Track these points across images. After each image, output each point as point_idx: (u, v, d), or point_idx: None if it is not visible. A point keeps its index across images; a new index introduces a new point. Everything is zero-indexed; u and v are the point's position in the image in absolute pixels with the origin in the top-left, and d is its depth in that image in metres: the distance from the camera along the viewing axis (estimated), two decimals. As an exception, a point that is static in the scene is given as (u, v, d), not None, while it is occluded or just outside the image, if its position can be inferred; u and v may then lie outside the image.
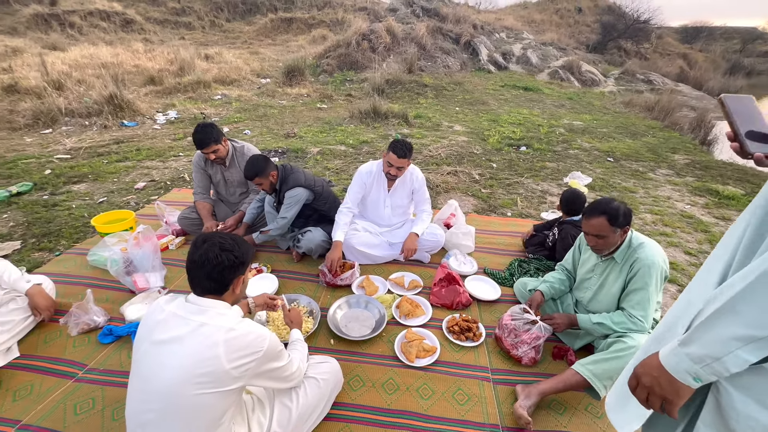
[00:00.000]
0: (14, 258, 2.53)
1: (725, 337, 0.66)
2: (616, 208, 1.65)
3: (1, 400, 1.59)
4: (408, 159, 2.44)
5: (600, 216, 1.65)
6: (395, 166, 2.43)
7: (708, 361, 0.68)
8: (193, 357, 1.10)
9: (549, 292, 2.00)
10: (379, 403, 1.66)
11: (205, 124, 2.49)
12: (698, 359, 0.70)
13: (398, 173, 2.48)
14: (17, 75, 7.72)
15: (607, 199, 1.72)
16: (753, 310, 0.63)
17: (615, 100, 9.69)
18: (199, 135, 2.45)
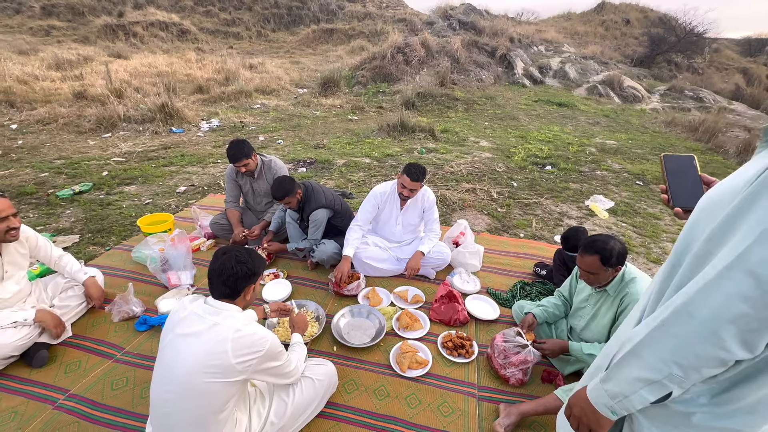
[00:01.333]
0: (73, 250, 2.94)
1: (631, 378, 0.77)
2: (610, 248, 1.69)
3: (55, 372, 1.91)
4: (421, 183, 2.60)
5: (593, 255, 1.70)
6: (408, 188, 2.59)
7: (620, 398, 0.79)
8: (206, 350, 1.32)
9: (542, 316, 2.07)
10: (369, 407, 1.82)
11: (238, 141, 2.78)
12: (613, 395, 0.81)
13: (411, 195, 2.64)
14: (86, 82, 8.67)
15: (605, 237, 1.75)
16: (651, 356, 0.73)
17: (656, 119, 9.29)
18: (233, 150, 2.75)
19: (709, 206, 0.73)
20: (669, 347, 0.70)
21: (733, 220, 0.64)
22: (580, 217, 4.03)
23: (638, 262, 3.24)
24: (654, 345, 0.73)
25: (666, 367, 0.70)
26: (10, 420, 1.65)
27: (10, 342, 1.82)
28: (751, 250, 0.60)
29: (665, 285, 0.80)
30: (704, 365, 0.67)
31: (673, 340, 0.69)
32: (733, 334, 0.62)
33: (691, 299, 0.67)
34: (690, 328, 0.67)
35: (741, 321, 0.62)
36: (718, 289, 0.63)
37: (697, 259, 0.71)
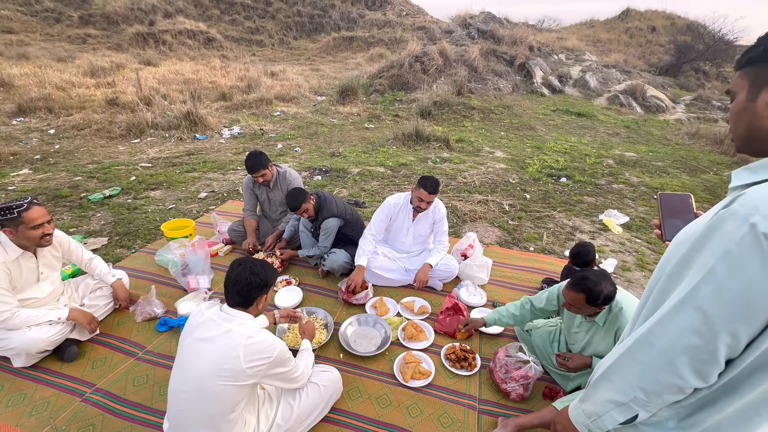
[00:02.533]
0: (101, 252, 3.14)
1: (603, 400, 0.83)
2: (599, 291, 1.67)
3: (83, 367, 2.06)
4: (436, 195, 2.67)
5: (580, 293, 1.70)
6: (425, 201, 2.66)
7: (594, 417, 0.85)
8: (219, 355, 1.43)
9: (491, 320, 2.18)
10: (372, 414, 1.89)
11: (256, 153, 2.93)
12: (589, 414, 0.87)
13: (426, 207, 2.72)
14: (118, 89, 9.15)
15: (597, 278, 1.71)
16: (619, 380, 0.79)
17: (679, 130, 9.05)
18: (251, 162, 2.90)
19: (677, 244, 0.78)
20: (634, 373, 0.76)
21: (687, 259, 0.70)
22: (592, 232, 4.00)
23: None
24: (622, 370, 0.79)
25: (632, 391, 0.76)
26: (43, 410, 1.81)
27: (45, 337, 1.98)
28: (699, 288, 0.66)
29: (638, 316, 0.86)
30: (664, 391, 0.72)
31: (638, 366, 0.75)
32: (686, 364, 0.68)
33: (651, 329, 0.73)
34: (651, 356, 0.73)
35: (693, 352, 0.67)
36: (672, 322, 0.69)
37: (659, 293, 0.77)
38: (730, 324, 0.64)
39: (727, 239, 0.64)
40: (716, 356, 0.66)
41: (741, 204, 0.64)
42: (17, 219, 1.91)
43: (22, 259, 2.01)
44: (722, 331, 0.65)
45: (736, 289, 0.63)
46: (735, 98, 0.78)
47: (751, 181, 0.71)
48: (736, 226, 0.63)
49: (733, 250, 0.63)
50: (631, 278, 3.21)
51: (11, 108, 7.45)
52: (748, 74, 0.75)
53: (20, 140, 5.92)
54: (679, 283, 0.71)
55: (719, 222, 0.66)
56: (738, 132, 0.78)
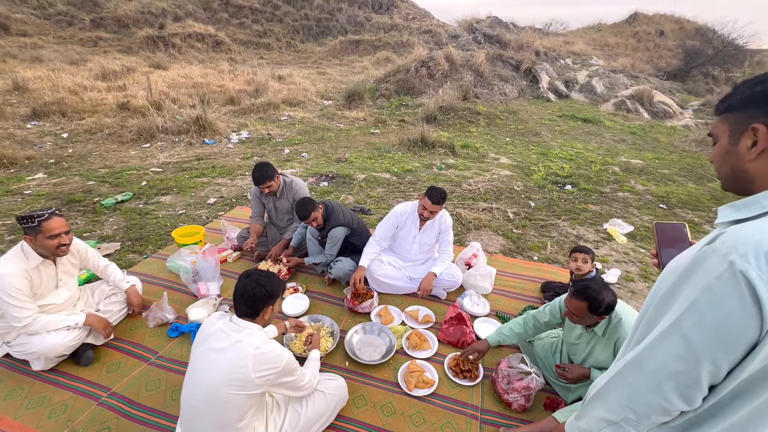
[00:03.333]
0: (114, 257, 3.23)
1: (597, 418, 0.88)
2: (601, 299, 1.71)
3: (99, 371, 2.14)
4: (441, 206, 2.73)
5: (582, 301, 1.74)
6: (429, 210, 2.72)
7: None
8: (230, 365, 1.49)
9: (495, 341, 2.16)
10: (376, 422, 1.94)
11: (263, 164, 3.00)
12: (583, 431, 0.91)
13: (431, 216, 2.77)
14: (129, 93, 9.32)
15: (598, 287, 1.76)
16: (611, 400, 0.84)
17: (686, 137, 9.01)
18: (258, 173, 2.97)
19: (667, 273, 0.83)
20: (625, 394, 0.81)
21: (673, 290, 0.75)
22: (597, 241, 4.02)
23: (654, 290, 3.22)
24: (614, 390, 0.85)
25: (623, 411, 0.81)
26: (61, 413, 1.88)
27: (63, 342, 2.06)
28: (683, 318, 0.71)
29: (632, 339, 0.91)
30: (652, 413, 0.77)
31: (628, 388, 0.80)
32: (672, 388, 0.73)
33: (640, 354, 0.78)
34: (639, 378, 0.78)
35: (678, 377, 0.72)
36: (659, 348, 0.75)
37: (649, 320, 0.82)
38: (712, 352, 0.69)
39: (709, 274, 0.69)
40: (699, 382, 0.71)
41: (722, 242, 0.69)
42: (37, 228, 1.99)
43: (42, 266, 2.09)
44: (704, 358, 0.70)
45: (716, 321, 0.68)
46: (717, 141, 0.83)
47: (734, 219, 0.76)
48: (716, 262, 0.68)
49: (713, 284, 0.68)
50: (635, 289, 3.23)
51: (26, 111, 7.63)
52: (728, 120, 0.80)
53: (35, 144, 6.06)
54: (667, 312, 0.76)
55: (702, 257, 0.71)
56: (723, 173, 0.83)
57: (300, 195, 3.20)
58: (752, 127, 0.74)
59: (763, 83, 0.75)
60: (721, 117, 0.82)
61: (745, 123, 0.76)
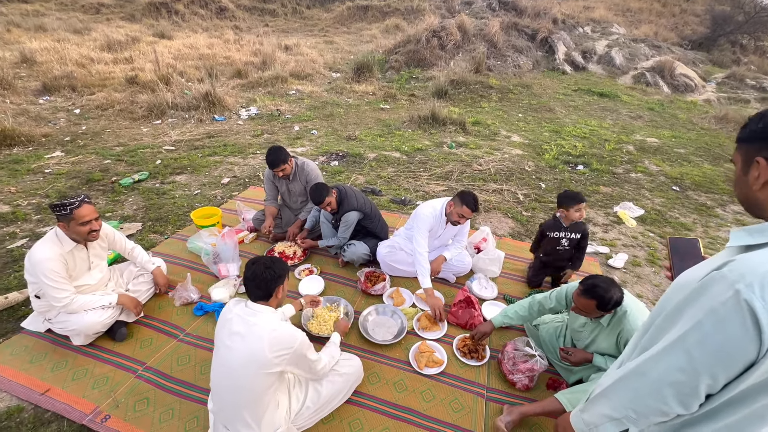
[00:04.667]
0: (137, 237, 3.37)
1: (600, 413, 0.97)
2: (609, 297, 1.78)
3: (133, 346, 2.32)
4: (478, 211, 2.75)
5: (591, 299, 1.81)
6: (465, 217, 2.65)
7: (591, 426, 1.00)
8: (249, 348, 1.61)
9: (499, 322, 2.27)
10: (390, 397, 2.10)
11: (276, 148, 3.05)
12: (587, 423, 1.02)
13: (464, 222, 2.75)
14: (136, 66, 9.21)
15: (606, 285, 1.81)
16: (615, 399, 0.94)
17: (707, 113, 8.71)
18: (272, 157, 3.02)
19: (676, 287, 0.89)
20: (628, 396, 0.90)
21: (681, 307, 0.82)
22: (606, 225, 4.05)
23: (660, 276, 3.28)
24: (618, 391, 0.93)
25: (625, 410, 0.90)
26: (104, 384, 2.07)
27: (99, 321, 2.23)
28: (688, 335, 0.78)
29: (638, 343, 0.98)
30: (652, 414, 0.86)
31: (631, 391, 0.89)
32: (672, 395, 0.81)
33: (645, 362, 0.86)
34: (643, 384, 0.86)
35: (678, 386, 0.80)
36: (663, 359, 0.82)
37: (656, 330, 0.89)
38: (711, 368, 0.76)
39: (715, 299, 0.75)
40: (697, 391, 0.79)
41: (730, 270, 0.75)
42: (69, 215, 2.10)
43: (75, 250, 2.22)
44: (704, 373, 0.77)
45: (717, 342, 0.74)
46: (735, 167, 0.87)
47: (746, 244, 0.81)
48: (723, 289, 0.74)
49: (718, 309, 0.74)
50: (641, 273, 3.30)
51: (36, 86, 7.64)
52: (740, 150, 0.86)
53: (49, 121, 6.13)
54: (674, 326, 0.83)
55: (711, 282, 0.77)
56: (738, 197, 0.90)
57: (312, 177, 3.26)
58: (756, 159, 0.80)
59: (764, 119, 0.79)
60: (738, 145, 0.87)
61: (752, 155, 0.81)
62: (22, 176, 4.34)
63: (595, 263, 3.34)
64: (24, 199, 3.87)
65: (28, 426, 1.86)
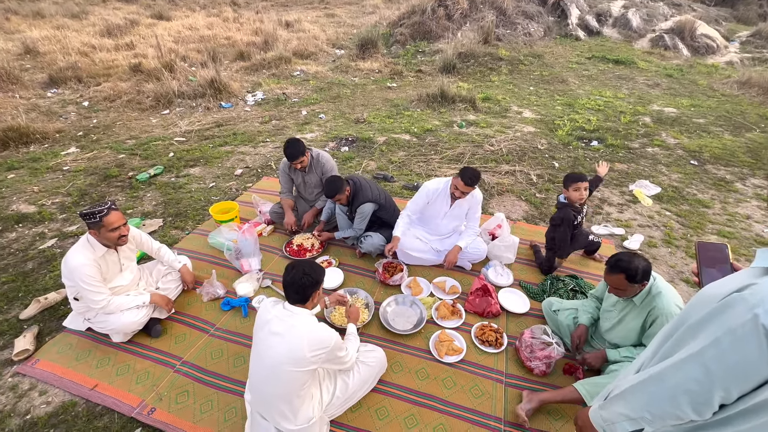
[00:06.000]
0: (159, 234, 3.48)
1: (618, 413, 1.04)
2: (635, 267, 1.84)
3: (169, 342, 2.46)
4: (474, 187, 2.77)
5: (619, 273, 1.87)
6: (461, 191, 2.76)
7: (609, 423, 1.07)
8: (287, 347, 1.71)
9: (588, 321, 2.27)
10: (412, 385, 2.21)
11: (294, 141, 3.06)
12: (605, 420, 1.09)
13: (463, 196, 2.82)
14: (138, 53, 9.09)
15: (628, 256, 1.89)
16: (633, 401, 1.00)
17: (728, 78, 8.32)
18: (290, 150, 3.05)
19: (700, 301, 0.93)
20: (645, 398, 0.96)
21: (703, 323, 0.86)
22: (621, 204, 4.02)
23: (676, 256, 3.29)
24: (636, 394, 1.00)
25: (641, 411, 0.97)
26: (146, 379, 2.22)
27: (135, 320, 2.36)
28: (706, 350, 0.83)
29: (659, 349, 1.03)
30: (667, 417, 0.92)
31: (649, 395, 0.95)
32: (687, 402, 0.87)
33: (664, 370, 0.92)
34: (660, 390, 0.92)
35: (692, 395, 0.86)
36: (681, 369, 0.88)
37: (677, 340, 0.94)
38: (725, 383, 0.81)
39: (734, 320, 0.79)
40: (711, 402, 0.84)
41: (751, 293, 0.78)
42: (99, 223, 2.18)
43: (107, 255, 2.32)
44: (718, 386, 0.82)
45: (733, 360, 0.79)
46: None
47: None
48: (743, 311, 0.77)
49: (737, 330, 0.78)
50: (657, 255, 3.30)
51: (43, 78, 7.63)
52: None
53: (60, 115, 6.17)
54: (694, 339, 0.88)
55: (732, 303, 0.80)
56: None
57: (328, 168, 3.29)
58: None
59: None
60: None
61: None
62: (42, 175, 4.44)
63: (610, 245, 3.36)
64: (47, 199, 3.98)
65: (83, 419, 2.03)
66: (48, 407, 2.09)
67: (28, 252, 3.24)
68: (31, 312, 2.63)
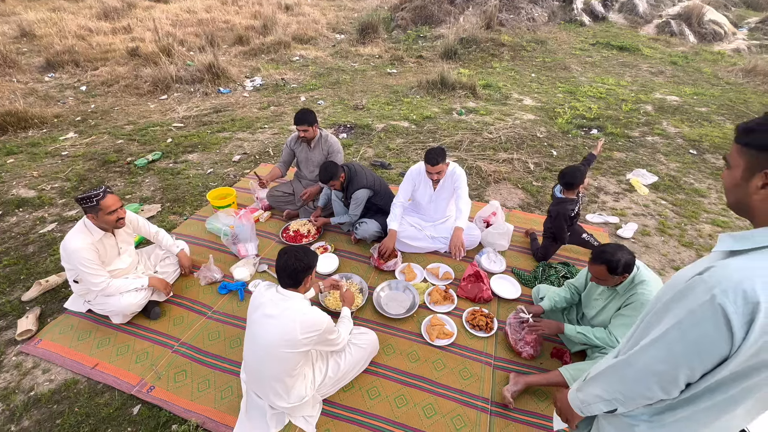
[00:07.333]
0: (157, 219, 3.52)
1: (593, 394, 1.08)
2: (617, 260, 1.87)
3: (167, 324, 2.52)
4: (441, 164, 2.77)
5: (601, 265, 1.90)
6: (431, 172, 2.80)
7: (585, 404, 1.12)
8: (280, 329, 1.76)
9: (548, 307, 2.34)
10: (404, 367, 2.28)
11: (306, 109, 3.18)
12: (581, 401, 1.13)
13: (439, 176, 2.84)
14: (136, 36, 8.99)
15: (614, 248, 1.91)
16: (606, 383, 1.04)
17: (734, 66, 8.19)
18: (300, 114, 3.15)
19: (669, 285, 0.96)
20: (617, 381, 1.01)
21: (668, 306, 0.90)
22: (617, 193, 4.03)
23: (669, 245, 3.32)
24: (609, 377, 1.04)
25: (614, 392, 1.02)
26: (145, 358, 2.29)
27: (134, 302, 2.42)
28: (669, 332, 0.87)
29: (632, 335, 1.07)
30: (638, 397, 0.97)
31: (620, 378, 1.00)
32: (655, 382, 0.91)
33: (634, 353, 0.96)
34: (629, 372, 0.97)
35: (659, 375, 0.90)
36: (647, 352, 0.92)
37: (646, 325, 0.98)
38: (689, 361, 0.85)
39: (694, 301, 0.83)
40: (677, 380, 0.88)
41: (710, 275, 0.82)
42: (96, 206, 2.22)
43: (104, 238, 2.36)
44: (683, 365, 0.86)
45: (693, 338, 0.83)
46: (730, 167, 0.90)
47: (730, 249, 0.86)
48: (702, 292, 0.81)
49: (696, 310, 0.82)
50: (650, 243, 3.33)
51: (40, 62, 7.58)
52: (745, 155, 0.86)
53: (58, 100, 6.16)
54: (660, 323, 0.91)
55: (693, 285, 0.85)
56: (729, 199, 0.94)
57: (335, 149, 3.34)
58: (766, 172, 0.82)
59: None
60: (740, 148, 0.87)
61: (761, 165, 0.83)
62: (41, 160, 4.47)
63: (604, 234, 3.38)
64: (47, 183, 4.02)
65: (85, 396, 2.11)
66: (51, 384, 2.16)
67: (29, 236, 3.29)
68: (32, 294, 2.69)
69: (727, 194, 0.93)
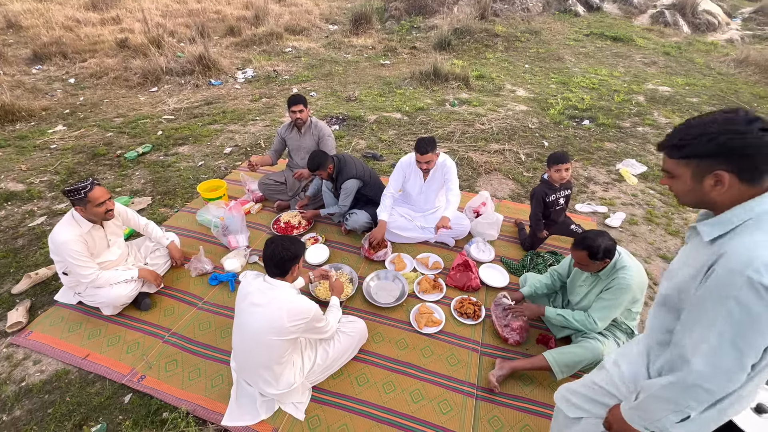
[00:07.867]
0: (147, 212, 3.51)
1: (660, 409, 1.05)
2: (598, 245, 1.90)
3: (158, 315, 2.54)
4: (431, 153, 2.78)
5: (582, 250, 1.94)
6: (421, 162, 2.82)
7: (651, 422, 1.09)
8: (268, 317, 1.79)
9: (528, 293, 2.40)
10: (392, 354, 2.32)
11: (299, 94, 3.24)
12: (645, 420, 1.10)
13: (428, 166, 2.86)
14: (125, 27, 8.84)
15: (594, 235, 1.95)
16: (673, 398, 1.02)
17: (726, 56, 8.21)
18: (295, 96, 3.21)
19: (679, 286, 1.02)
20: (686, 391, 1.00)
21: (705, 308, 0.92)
22: (607, 183, 4.06)
23: (656, 234, 3.36)
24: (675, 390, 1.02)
25: (686, 401, 1.00)
26: (136, 349, 2.31)
27: (124, 294, 2.43)
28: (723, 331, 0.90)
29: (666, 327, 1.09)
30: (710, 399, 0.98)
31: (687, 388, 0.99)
32: (725, 380, 0.94)
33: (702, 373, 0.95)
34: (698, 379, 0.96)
35: (730, 372, 0.92)
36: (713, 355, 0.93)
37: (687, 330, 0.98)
38: (753, 346, 0.88)
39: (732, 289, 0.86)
40: (746, 368, 0.90)
41: (732, 262, 0.86)
42: (84, 199, 2.22)
43: (93, 230, 2.36)
44: (749, 353, 0.89)
45: (749, 323, 0.86)
46: (675, 177, 0.98)
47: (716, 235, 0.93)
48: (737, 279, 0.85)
49: (740, 296, 0.85)
50: (637, 232, 3.38)
51: (27, 54, 7.45)
52: (689, 165, 0.94)
53: (46, 92, 6.07)
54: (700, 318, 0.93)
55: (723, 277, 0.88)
56: (687, 201, 1.01)
57: (325, 133, 3.36)
58: (716, 173, 0.90)
59: (714, 138, 0.88)
60: (680, 161, 0.95)
61: (708, 169, 0.91)
62: (29, 153, 4.42)
63: (592, 223, 3.42)
64: (35, 177, 3.99)
65: (76, 386, 2.13)
66: (42, 375, 2.18)
67: (18, 229, 3.28)
68: (22, 287, 2.70)
69: (682, 197, 1.01)
